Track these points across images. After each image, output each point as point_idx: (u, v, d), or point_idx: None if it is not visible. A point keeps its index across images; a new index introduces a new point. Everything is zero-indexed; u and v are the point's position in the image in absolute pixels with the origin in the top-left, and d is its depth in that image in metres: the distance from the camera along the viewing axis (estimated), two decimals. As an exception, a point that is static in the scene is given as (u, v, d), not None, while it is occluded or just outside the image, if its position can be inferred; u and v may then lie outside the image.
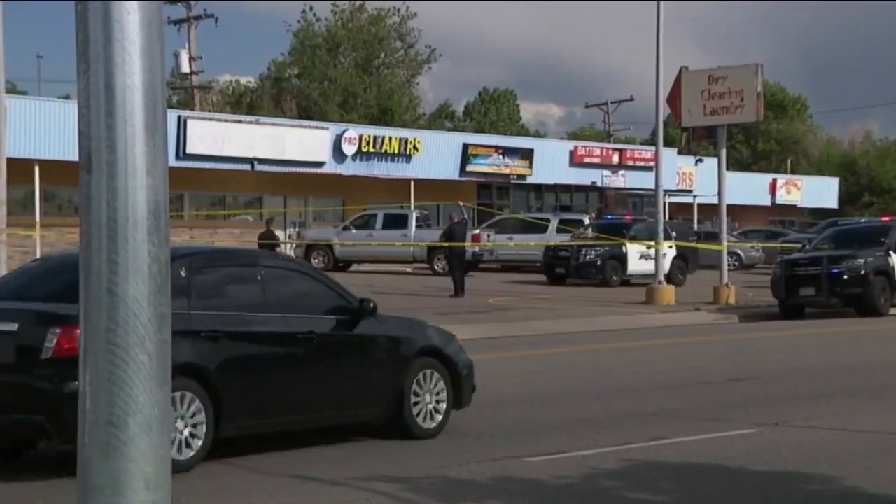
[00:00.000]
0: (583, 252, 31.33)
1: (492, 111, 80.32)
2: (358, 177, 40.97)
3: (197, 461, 8.24)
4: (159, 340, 2.33)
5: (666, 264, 28.57)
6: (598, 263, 31.31)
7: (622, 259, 31.54)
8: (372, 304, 9.56)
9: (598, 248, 31.29)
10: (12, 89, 40.08)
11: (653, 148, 39.41)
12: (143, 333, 2.31)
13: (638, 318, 23.23)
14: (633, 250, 31.26)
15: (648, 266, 30.26)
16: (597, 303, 25.82)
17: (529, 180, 46.81)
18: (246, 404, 8.66)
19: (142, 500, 2.27)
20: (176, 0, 48.25)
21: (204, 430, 8.29)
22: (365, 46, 60.84)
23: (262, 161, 38.49)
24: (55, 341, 7.88)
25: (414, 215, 37.71)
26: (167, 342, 2.36)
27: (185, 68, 49.60)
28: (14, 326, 8.10)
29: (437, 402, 9.85)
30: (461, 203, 38.81)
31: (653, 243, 29.19)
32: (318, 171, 40.05)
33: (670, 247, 30.47)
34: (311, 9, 60.40)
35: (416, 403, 9.68)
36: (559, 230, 38.58)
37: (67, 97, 46.50)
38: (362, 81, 60.68)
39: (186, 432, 8.20)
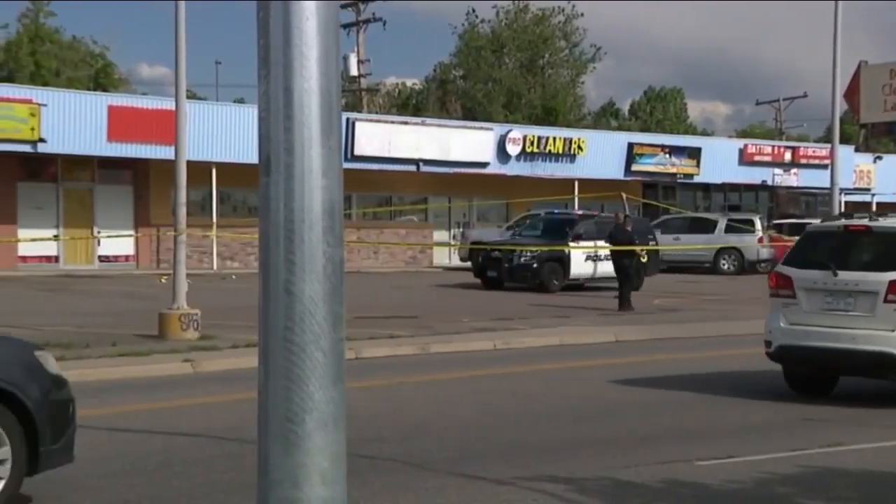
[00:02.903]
0: (516, 253, 28.18)
1: (658, 110, 79.10)
2: (522, 177, 40.97)
3: None
4: (334, 339, 2.35)
5: None
6: (534, 266, 27.96)
7: (564, 261, 28.41)
8: None
9: (534, 250, 28.15)
10: (191, 95, 41.70)
11: (828, 145, 38.02)
12: (318, 332, 2.33)
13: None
14: (578, 251, 28.31)
15: (600, 268, 27.72)
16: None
17: (697, 179, 45.91)
18: None
19: (319, 494, 2.31)
20: (347, 5, 49.34)
21: None
22: (529, 46, 60.75)
23: (427, 162, 38.92)
24: None
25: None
26: (341, 340, 2.39)
27: (354, 71, 50.64)
28: None
29: None
30: (625, 196, 38.24)
31: (600, 243, 26.48)
32: (483, 171, 40.23)
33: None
34: (473, 11, 60.78)
35: None
36: (728, 230, 37.76)
37: (242, 101, 48.06)
38: (526, 82, 60.61)
39: None
